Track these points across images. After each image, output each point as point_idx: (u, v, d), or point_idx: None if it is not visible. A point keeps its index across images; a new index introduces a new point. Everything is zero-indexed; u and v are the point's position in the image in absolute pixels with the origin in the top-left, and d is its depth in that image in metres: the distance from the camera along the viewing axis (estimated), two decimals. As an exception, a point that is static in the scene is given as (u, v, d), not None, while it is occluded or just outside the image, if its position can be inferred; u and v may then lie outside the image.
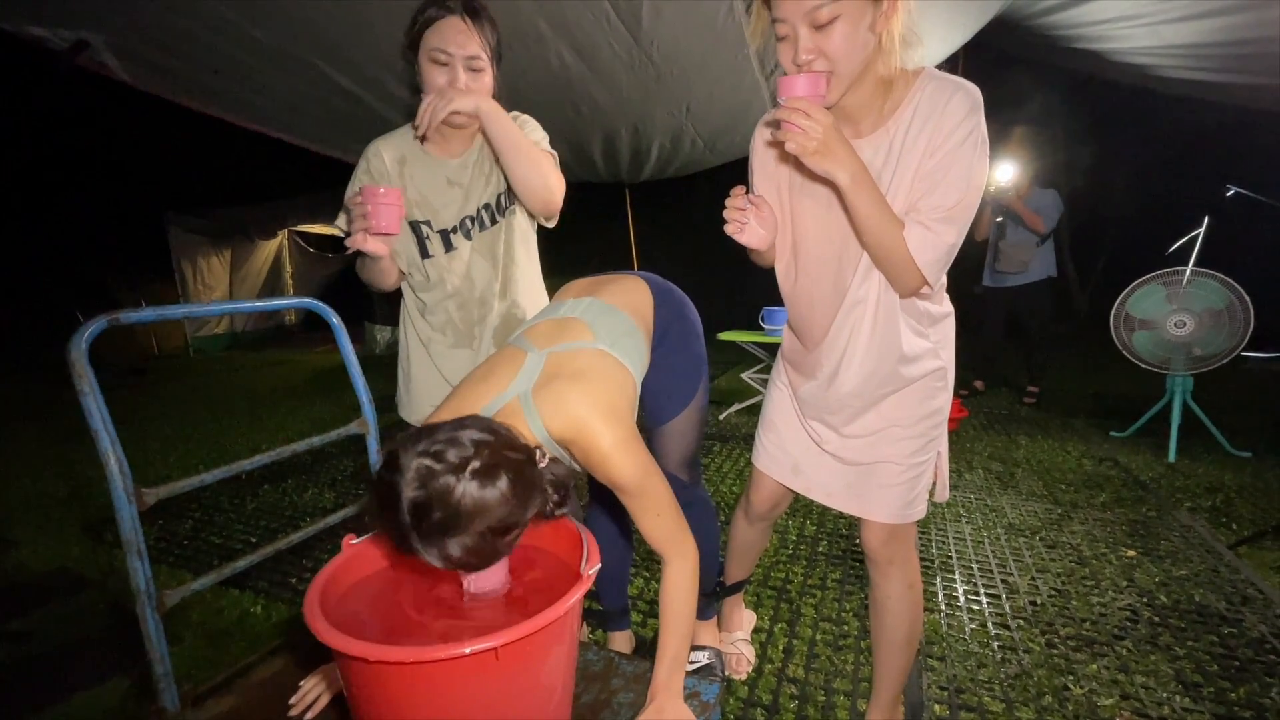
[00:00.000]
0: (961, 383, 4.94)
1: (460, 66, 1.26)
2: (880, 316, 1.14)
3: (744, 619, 1.81)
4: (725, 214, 1.14)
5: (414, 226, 1.39)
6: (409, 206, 1.38)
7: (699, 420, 1.49)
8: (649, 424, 1.52)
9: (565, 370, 1.06)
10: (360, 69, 2.71)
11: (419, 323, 1.47)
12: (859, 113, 1.07)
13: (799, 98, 0.93)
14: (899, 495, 1.22)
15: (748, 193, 1.20)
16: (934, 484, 1.30)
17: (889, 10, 0.96)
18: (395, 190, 1.21)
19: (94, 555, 2.50)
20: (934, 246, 1.01)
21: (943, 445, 1.27)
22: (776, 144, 1.16)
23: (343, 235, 1.39)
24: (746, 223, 1.13)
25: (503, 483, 0.82)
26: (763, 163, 1.22)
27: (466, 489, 0.79)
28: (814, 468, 1.33)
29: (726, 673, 1.67)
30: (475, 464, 0.81)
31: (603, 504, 1.60)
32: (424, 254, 1.40)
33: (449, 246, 1.40)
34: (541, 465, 0.92)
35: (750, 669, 1.70)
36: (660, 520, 1.06)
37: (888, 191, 1.06)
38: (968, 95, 1.00)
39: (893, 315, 1.13)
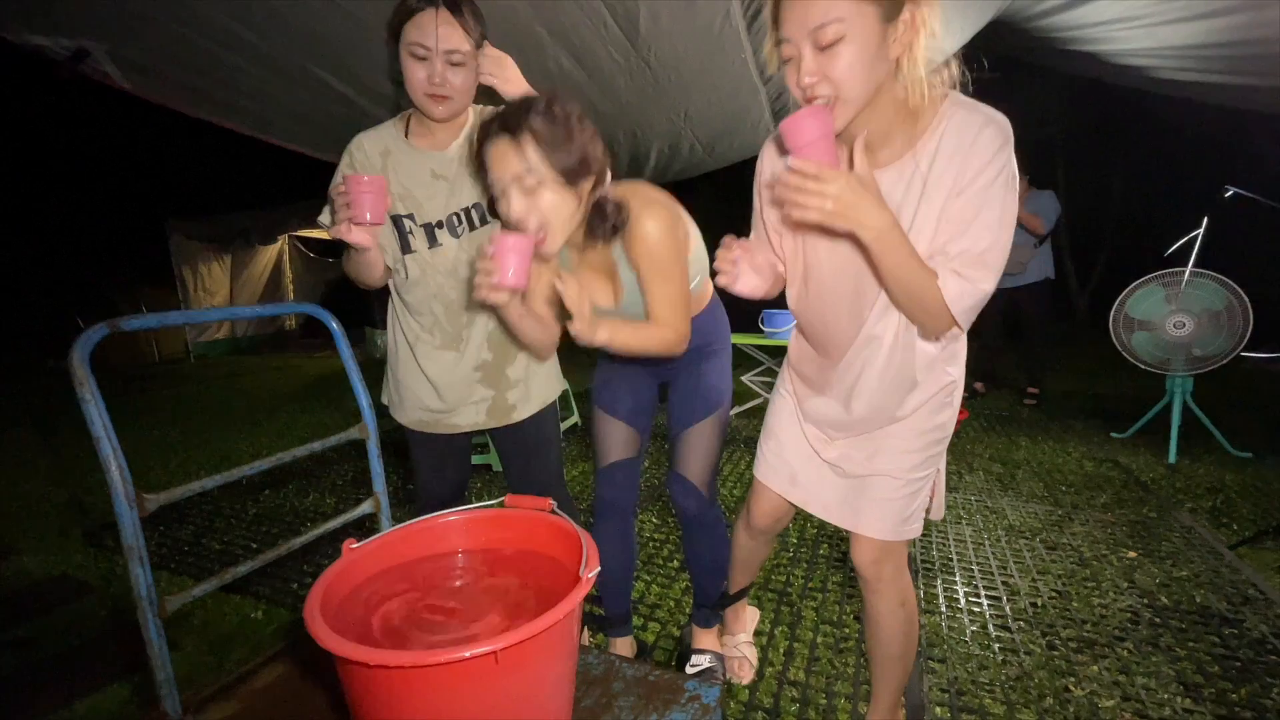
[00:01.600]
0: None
1: (440, 62, 1.23)
2: (897, 351, 1.11)
3: (747, 619, 1.80)
4: (716, 264, 1.11)
5: (396, 220, 1.36)
6: (392, 200, 1.35)
7: (720, 431, 1.51)
8: (672, 430, 1.53)
9: (641, 190, 1.26)
10: (358, 75, 2.72)
11: (408, 322, 1.45)
12: (876, 140, 1.00)
13: (803, 162, 0.86)
14: (895, 511, 1.19)
15: (750, 226, 1.20)
16: (930, 501, 1.28)
17: (906, 34, 0.89)
18: (379, 178, 1.18)
19: (95, 561, 2.50)
20: (972, 294, 0.96)
21: (941, 462, 1.26)
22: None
23: (327, 231, 1.39)
24: (739, 274, 1.10)
25: (590, 124, 1.12)
26: (769, 184, 1.17)
27: (566, 104, 1.09)
28: (812, 479, 1.32)
29: (729, 677, 1.66)
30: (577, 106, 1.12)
31: (606, 510, 1.61)
32: (406, 249, 1.37)
33: (433, 242, 1.37)
34: (607, 185, 1.19)
35: (753, 674, 1.70)
36: (674, 304, 1.25)
37: (910, 227, 1.00)
38: (999, 130, 0.93)
39: (909, 349, 1.10)
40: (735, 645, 1.72)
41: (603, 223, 1.19)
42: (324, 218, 1.37)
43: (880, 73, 0.91)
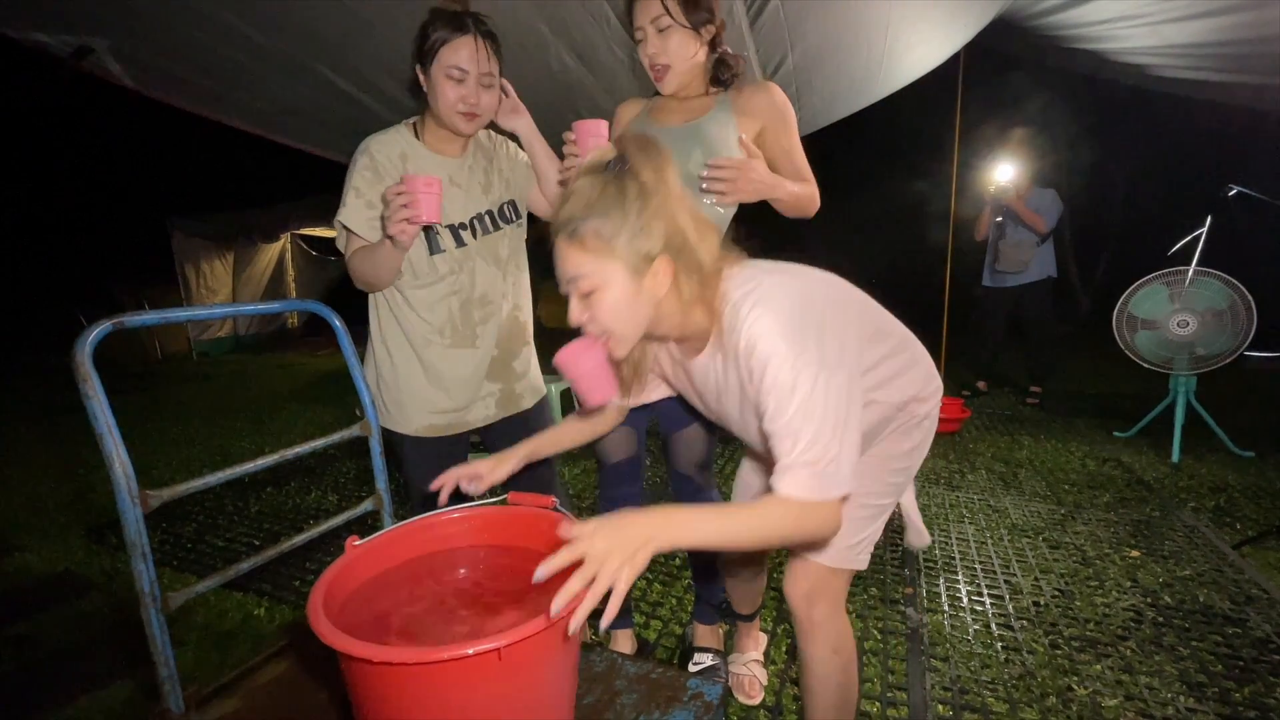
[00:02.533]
0: (964, 383, 4.94)
1: (474, 83, 1.32)
2: None
3: (758, 641, 1.76)
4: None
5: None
6: None
7: (709, 433, 1.54)
8: (662, 430, 1.55)
9: None
10: (361, 73, 2.72)
11: (414, 326, 1.43)
12: (686, 336, 0.99)
13: (557, 560, 0.74)
14: (840, 534, 1.03)
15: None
16: (908, 528, 1.26)
17: (663, 278, 0.89)
18: (436, 179, 1.22)
19: (98, 558, 2.50)
20: (834, 466, 0.84)
21: (909, 493, 1.19)
22: None
23: (340, 231, 1.39)
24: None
25: None
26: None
27: None
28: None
29: (738, 696, 1.64)
30: None
31: (612, 506, 1.61)
32: (435, 249, 1.40)
33: (460, 242, 1.41)
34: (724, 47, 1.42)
35: (763, 693, 1.64)
36: (806, 163, 1.47)
37: (738, 405, 1.00)
38: (761, 314, 0.88)
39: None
40: (744, 663, 1.68)
41: (728, 70, 1.44)
42: (350, 217, 1.35)
43: (645, 310, 0.92)
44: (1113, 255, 9.17)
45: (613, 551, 0.73)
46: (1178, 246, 3.45)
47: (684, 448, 1.55)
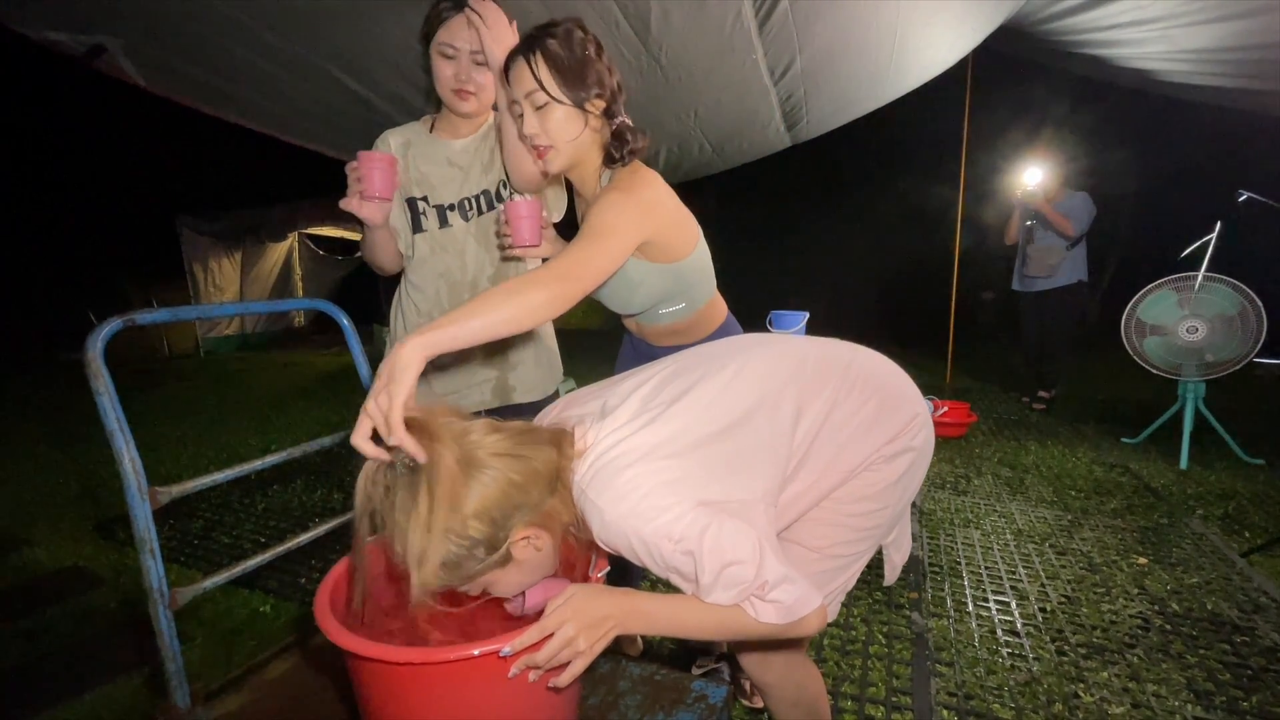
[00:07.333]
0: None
1: (466, 60, 1.33)
2: None
3: None
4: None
5: (410, 202, 1.44)
6: (409, 185, 1.44)
7: None
8: None
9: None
10: (372, 74, 2.73)
11: (411, 306, 1.50)
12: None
13: (523, 637, 0.74)
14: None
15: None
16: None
17: (531, 541, 0.80)
18: (389, 155, 1.26)
19: (105, 553, 2.52)
20: (775, 590, 0.78)
21: (901, 525, 1.06)
22: None
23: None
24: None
25: (605, 54, 1.17)
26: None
27: (582, 31, 1.15)
28: None
29: (742, 700, 1.63)
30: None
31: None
32: (417, 228, 1.45)
33: (444, 223, 1.45)
34: (622, 118, 1.20)
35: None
36: (582, 261, 1.02)
37: None
38: (603, 523, 0.80)
39: None
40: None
41: (623, 146, 1.20)
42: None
43: (539, 563, 0.84)
44: (1122, 260, 9.12)
45: (580, 634, 0.75)
46: (1187, 252, 3.43)
47: None
